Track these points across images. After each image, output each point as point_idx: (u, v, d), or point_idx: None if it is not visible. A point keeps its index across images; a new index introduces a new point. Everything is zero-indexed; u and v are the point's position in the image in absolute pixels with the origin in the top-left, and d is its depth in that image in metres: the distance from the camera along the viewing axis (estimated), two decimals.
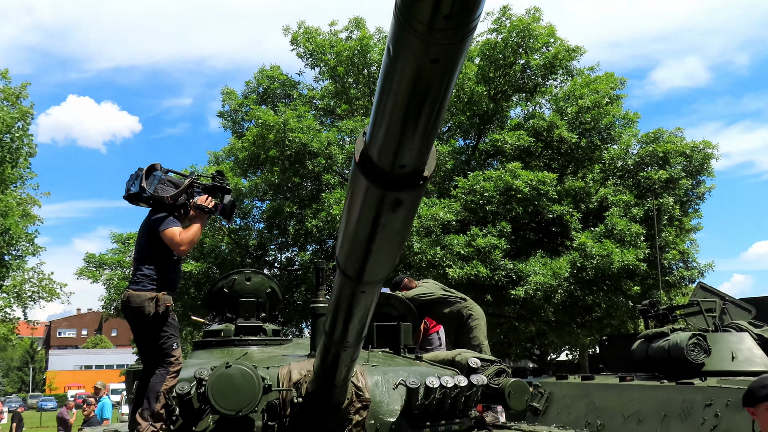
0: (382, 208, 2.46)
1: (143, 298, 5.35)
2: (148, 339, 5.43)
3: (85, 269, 22.80)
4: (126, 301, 5.36)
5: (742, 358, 9.24)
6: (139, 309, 5.32)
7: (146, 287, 5.39)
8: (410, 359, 6.46)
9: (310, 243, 20.59)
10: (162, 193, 5.56)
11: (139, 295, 5.35)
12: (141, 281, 5.42)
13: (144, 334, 5.44)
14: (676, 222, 21.25)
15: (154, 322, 5.38)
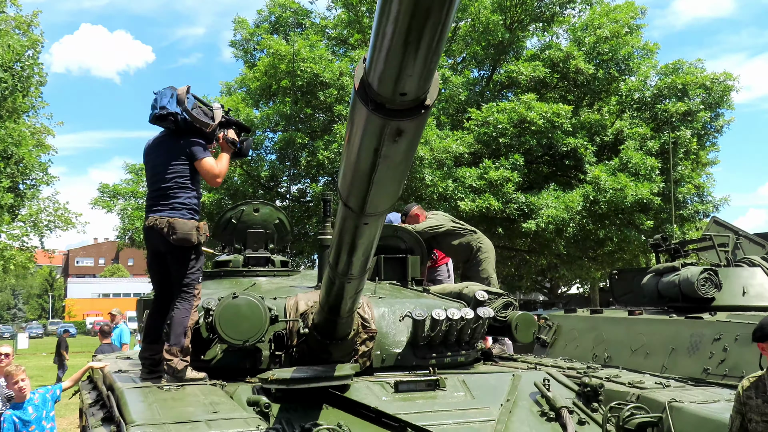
0: (383, 138, 2.39)
1: (190, 227, 5.18)
2: (176, 269, 5.27)
3: (99, 199, 22.92)
4: (168, 228, 5.12)
5: (754, 293, 9.20)
6: (186, 237, 5.15)
7: (186, 216, 5.22)
8: (417, 291, 6.48)
9: (321, 175, 20.53)
10: (205, 120, 5.33)
11: (186, 224, 5.17)
12: (179, 209, 5.21)
13: (174, 263, 5.28)
14: (693, 155, 20.98)
15: (191, 252, 5.28)
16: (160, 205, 5.25)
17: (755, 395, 4.10)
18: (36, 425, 6.27)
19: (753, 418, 4.07)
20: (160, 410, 4.23)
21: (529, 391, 5.12)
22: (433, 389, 4.98)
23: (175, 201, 5.23)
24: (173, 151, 5.29)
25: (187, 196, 5.28)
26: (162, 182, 5.28)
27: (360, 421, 4.51)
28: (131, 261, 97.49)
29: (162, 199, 5.26)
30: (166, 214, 5.19)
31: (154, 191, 5.34)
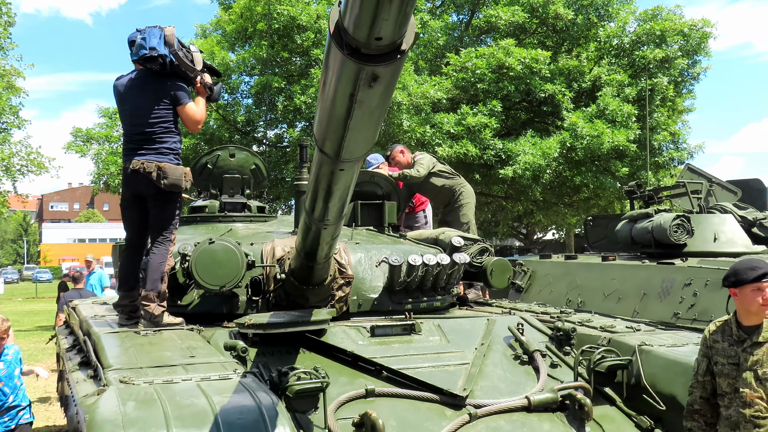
0: (358, 84, 2.37)
1: (180, 173, 5.14)
2: (156, 213, 5.22)
3: (72, 144, 22.53)
4: (159, 173, 5.06)
5: (724, 240, 9.35)
6: (176, 183, 5.11)
7: (173, 161, 5.17)
8: (394, 237, 6.51)
9: (299, 120, 20.32)
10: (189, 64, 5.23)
11: (177, 169, 5.13)
12: (167, 154, 5.16)
13: (157, 208, 5.22)
14: (669, 102, 21.01)
15: (177, 198, 5.24)
16: (144, 148, 5.16)
17: (721, 339, 4.19)
18: (5, 382, 6.16)
19: (719, 361, 4.16)
20: (137, 355, 4.26)
21: (503, 335, 5.21)
22: (408, 334, 5.05)
23: (162, 146, 5.17)
24: (158, 94, 5.18)
25: (173, 141, 5.23)
26: (145, 126, 5.17)
27: (336, 364, 4.58)
28: (107, 206, 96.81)
29: (147, 143, 5.16)
30: (153, 158, 5.12)
31: (136, 134, 5.22)
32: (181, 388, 3.51)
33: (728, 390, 4.10)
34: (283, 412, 3.36)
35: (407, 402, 4.29)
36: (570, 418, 4.43)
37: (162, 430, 3.09)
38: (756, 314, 4.09)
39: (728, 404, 4.09)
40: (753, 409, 3.97)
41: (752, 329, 4.09)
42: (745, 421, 3.98)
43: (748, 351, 4.05)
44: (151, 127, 5.15)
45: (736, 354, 4.09)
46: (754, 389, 3.97)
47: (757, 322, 4.09)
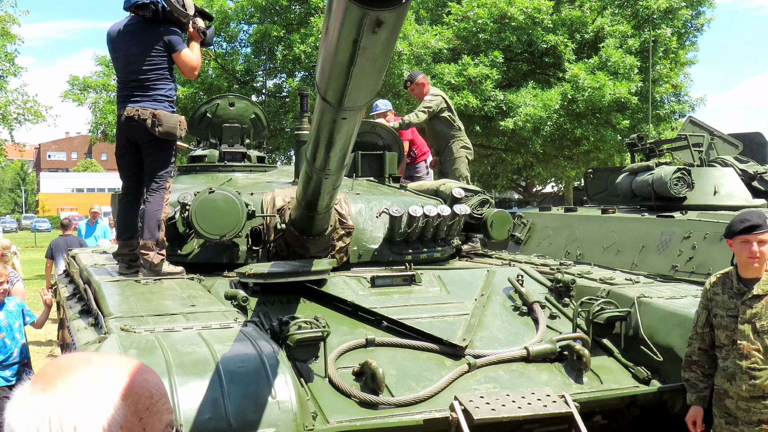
0: (362, 29, 2.32)
1: (175, 120, 5.08)
2: (151, 161, 5.17)
3: (69, 92, 22.35)
4: (154, 121, 5.00)
5: (724, 193, 9.33)
6: (171, 131, 5.06)
7: (168, 109, 5.11)
8: (394, 188, 6.49)
9: (298, 69, 20.12)
10: (182, 9, 5.12)
11: (172, 117, 5.07)
12: (162, 101, 5.10)
13: (151, 156, 5.17)
14: (672, 54, 20.80)
15: (172, 145, 5.19)
16: (138, 95, 5.09)
17: (722, 291, 4.21)
18: (6, 333, 6.04)
19: (718, 313, 4.19)
20: (138, 303, 4.27)
21: (503, 286, 5.23)
22: (408, 284, 5.07)
23: (157, 93, 5.10)
24: (151, 41, 5.09)
25: (168, 88, 5.17)
26: (139, 73, 5.09)
27: (337, 314, 4.59)
28: (104, 156, 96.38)
29: (140, 89, 5.10)
30: (148, 105, 5.06)
31: (130, 81, 5.15)
32: (182, 337, 3.53)
33: (726, 342, 4.13)
34: (284, 360, 3.38)
35: (407, 352, 4.32)
36: (568, 369, 4.46)
37: (164, 377, 3.11)
38: (744, 266, 4.12)
39: (725, 356, 4.12)
40: (749, 361, 4.00)
41: (752, 282, 4.10)
42: (741, 373, 4.02)
43: (747, 304, 4.07)
44: (145, 74, 5.08)
45: (735, 306, 4.11)
46: (752, 341, 4.00)
47: (757, 275, 4.10)
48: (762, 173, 9.77)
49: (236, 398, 3.11)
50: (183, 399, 3.04)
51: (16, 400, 1.22)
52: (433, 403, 3.92)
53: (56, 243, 11.75)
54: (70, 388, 1.21)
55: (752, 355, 4.00)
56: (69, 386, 1.21)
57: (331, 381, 3.88)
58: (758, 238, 4.03)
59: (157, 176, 5.14)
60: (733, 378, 4.06)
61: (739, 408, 4.04)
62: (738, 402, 4.05)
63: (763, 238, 4.03)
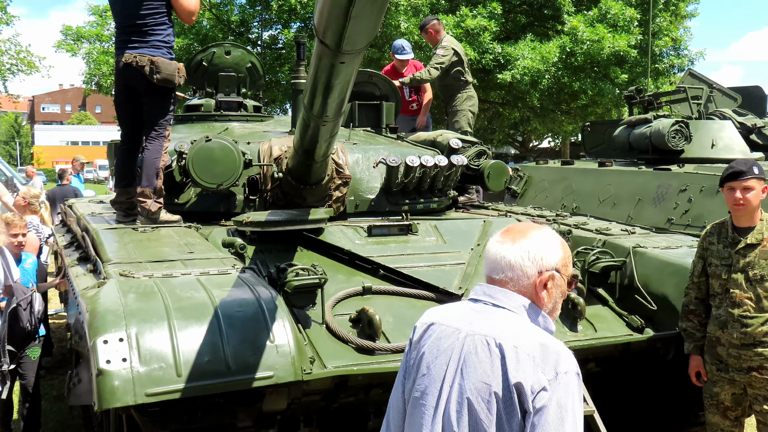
0: None
1: (173, 67, 5.02)
2: (150, 109, 5.13)
3: (63, 42, 22.08)
4: (152, 67, 4.94)
5: (722, 146, 9.31)
6: (170, 78, 5.00)
7: (167, 55, 5.04)
8: (391, 138, 6.47)
9: (294, 20, 19.86)
10: None
11: (170, 64, 5.01)
12: (160, 47, 5.01)
13: (150, 103, 5.13)
14: (672, 7, 20.58)
15: (171, 93, 5.14)
16: (136, 41, 5.00)
17: (717, 240, 4.24)
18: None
19: (713, 262, 4.22)
20: (136, 250, 4.28)
21: None
22: (405, 234, 5.08)
23: (155, 39, 5.01)
24: None
25: (166, 34, 5.07)
26: (137, 18, 5.00)
27: (334, 263, 4.61)
28: (99, 108, 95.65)
29: (138, 35, 5.01)
30: (146, 52, 4.98)
31: (127, 26, 5.07)
32: (181, 282, 3.55)
33: (719, 290, 4.17)
34: (282, 305, 3.41)
35: (403, 300, 4.35)
36: (563, 317, 4.50)
37: (163, 320, 3.13)
38: (733, 214, 4.17)
39: (719, 304, 4.17)
40: (741, 309, 4.04)
41: (746, 231, 4.13)
42: (732, 321, 4.06)
43: (741, 252, 4.10)
44: (143, 18, 4.99)
45: (729, 255, 4.14)
46: (744, 290, 4.04)
47: (751, 223, 4.12)
48: (760, 126, 9.74)
49: (235, 342, 3.14)
50: (182, 342, 3.07)
51: (493, 249, 2.16)
52: None
53: (53, 192, 11.78)
54: (532, 238, 2.14)
55: (744, 303, 4.04)
56: (531, 237, 2.14)
57: (329, 327, 3.92)
58: (742, 185, 4.05)
59: (156, 124, 5.10)
60: (725, 326, 4.10)
61: (731, 355, 4.10)
62: (729, 349, 4.10)
63: (747, 184, 4.05)
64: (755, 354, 4.01)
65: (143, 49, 4.99)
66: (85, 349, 3.30)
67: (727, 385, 4.16)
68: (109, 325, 3.06)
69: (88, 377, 3.23)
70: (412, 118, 8.76)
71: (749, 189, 4.05)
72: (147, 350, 3.03)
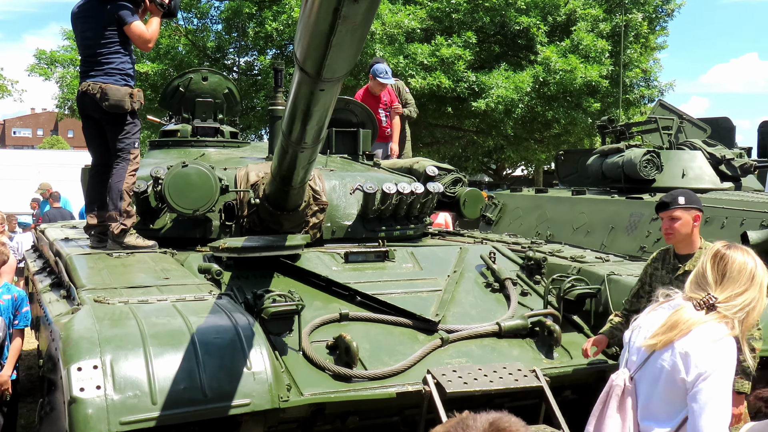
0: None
1: (123, 93, 5.11)
2: (111, 135, 5.22)
3: (36, 66, 21.91)
4: (101, 94, 5.06)
5: (693, 176, 9.47)
6: (119, 104, 5.09)
7: (119, 82, 5.14)
8: (368, 165, 6.49)
9: (270, 47, 19.91)
10: None
11: (119, 90, 5.10)
12: (113, 74, 5.13)
13: (109, 129, 5.23)
14: (642, 39, 20.94)
15: (125, 118, 5.19)
16: (94, 70, 5.17)
17: (661, 266, 4.39)
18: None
19: (656, 287, 4.35)
20: (111, 276, 4.25)
21: (475, 263, 5.27)
22: (382, 260, 5.09)
23: (109, 66, 5.16)
24: (101, 19, 5.15)
25: (120, 62, 5.21)
26: (93, 48, 5.19)
27: (310, 289, 4.60)
28: (71, 133, 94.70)
29: (95, 64, 5.18)
30: (99, 80, 5.13)
31: (86, 56, 5.26)
32: (157, 308, 3.52)
33: None
34: (260, 332, 3.39)
35: (380, 326, 4.34)
36: (539, 344, 4.52)
37: (138, 347, 3.10)
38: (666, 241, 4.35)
39: None
40: None
41: (686, 258, 4.29)
42: None
43: (680, 279, 4.23)
44: (98, 48, 5.16)
45: (670, 281, 4.27)
46: None
47: (690, 250, 4.28)
48: (729, 158, 9.91)
49: (211, 369, 3.11)
50: (158, 369, 3.04)
51: None
52: (406, 377, 3.95)
53: (52, 214, 11.65)
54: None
55: None
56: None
57: (305, 354, 3.90)
58: (669, 215, 4.23)
59: (119, 149, 5.20)
60: None
61: None
62: None
63: (674, 215, 4.20)
64: None
65: (98, 77, 5.14)
66: (58, 377, 3.25)
67: None
68: (84, 352, 3.02)
69: (61, 406, 3.17)
70: (387, 144, 8.83)
71: (676, 219, 4.20)
72: (122, 377, 2.99)
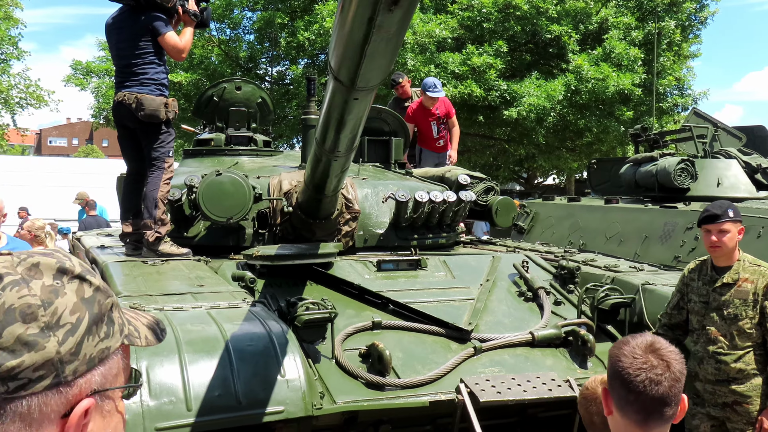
0: (378, 6, 2.33)
1: (158, 103, 5.18)
2: (146, 144, 5.29)
3: (72, 77, 22.32)
4: (137, 104, 5.13)
5: (728, 185, 9.33)
6: (154, 114, 5.16)
7: (155, 92, 5.22)
8: (400, 174, 6.50)
9: (302, 57, 20.06)
10: None
11: (154, 100, 5.17)
12: (148, 85, 5.21)
13: (144, 138, 5.30)
14: (675, 47, 20.74)
15: (160, 127, 5.26)
16: (129, 80, 5.24)
17: (697, 277, 4.37)
18: None
19: (692, 299, 4.35)
20: (146, 283, 4.29)
21: (508, 272, 5.24)
22: (414, 269, 5.08)
23: (144, 76, 5.22)
24: (136, 29, 5.22)
25: (155, 72, 5.27)
26: (128, 59, 5.25)
27: (343, 297, 4.61)
28: (105, 142, 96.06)
29: (131, 75, 5.24)
30: (135, 90, 5.19)
31: (121, 68, 5.33)
32: (191, 315, 3.55)
33: (697, 326, 4.33)
34: (293, 340, 3.40)
35: (413, 335, 4.33)
36: (572, 354, 4.48)
37: (173, 354, 3.13)
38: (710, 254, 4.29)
39: (696, 340, 4.34)
40: (716, 346, 4.19)
41: (724, 270, 4.25)
42: (708, 357, 4.22)
43: (718, 291, 4.24)
44: (134, 59, 5.22)
45: (707, 293, 4.27)
46: (719, 327, 4.21)
47: (728, 263, 4.24)
48: (765, 167, 9.76)
49: (246, 376, 3.13)
50: (193, 376, 3.07)
51: None
52: (439, 386, 3.93)
53: (87, 222, 11.82)
54: None
55: (719, 341, 4.19)
56: None
57: (338, 362, 3.90)
58: (718, 227, 4.17)
59: (153, 158, 5.26)
60: (702, 361, 4.27)
61: (706, 390, 4.24)
62: (705, 384, 4.24)
63: (723, 227, 4.16)
64: (729, 391, 4.14)
65: (134, 87, 5.21)
66: None
67: (706, 419, 4.26)
68: None
69: None
70: (438, 155, 8.89)
71: (725, 232, 4.16)
72: (157, 384, 3.02)
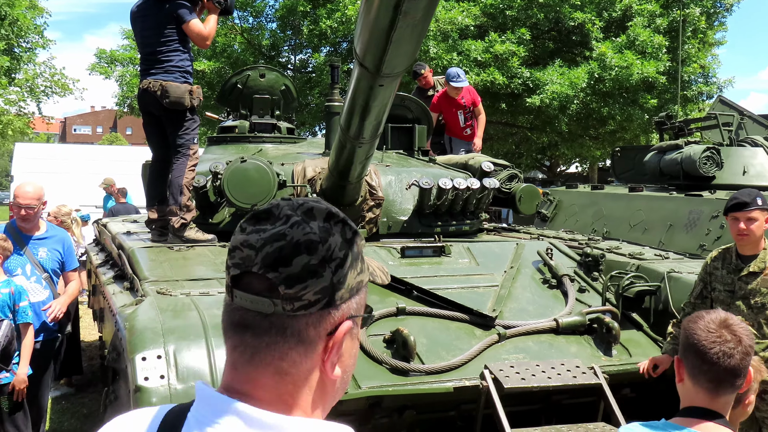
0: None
1: (183, 90, 5.21)
2: (170, 131, 5.33)
3: (96, 65, 22.49)
4: (162, 92, 5.15)
5: (754, 173, 9.23)
6: (179, 101, 5.19)
7: (179, 79, 5.24)
8: (424, 161, 6.50)
9: (324, 45, 20.06)
10: None
11: (179, 87, 5.20)
12: (173, 72, 5.24)
13: (169, 125, 5.33)
14: (700, 35, 20.47)
15: (185, 114, 5.29)
16: (154, 68, 5.27)
17: (721, 266, 4.29)
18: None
19: (716, 287, 4.28)
20: (172, 268, 4.33)
21: (532, 259, 5.23)
22: (438, 255, 5.09)
23: (168, 64, 5.25)
24: (160, 17, 5.24)
25: (179, 59, 5.30)
26: (153, 47, 5.28)
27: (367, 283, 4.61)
28: (129, 130, 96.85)
29: (155, 62, 5.27)
30: (159, 77, 5.22)
31: (146, 55, 5.37)
32: (217, 300, 3.58)
33: None
34: None
35: (437, 321, 4.34)
36: (597, 341, 4.47)
37: (200, 338, 3.16)
38: (737, 243, 4.20)
39: None
40: None
41: (750, 258, 4.19)
42: None
43: (744, 280, 4.17)
44: (158, 46, 5.25)
45: (733, 282, 4.21)
46: (746, 316, 4.10)
47: (754, 251, 4.18)
48: None
49: None
50: (220, 359, 3.09)
51: None
52: (463, 372, 3.94)
53: (117, 209, 11.96)
54: None
55: None
56: None
57: (363, 347, 3.92)
58: (746, 215, 4.11)
59: (178, 145, 5.29)
60: None
61: None
62: None
63: (751, 215, 4.10)
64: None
65: (158, 75, 5.23)
66: (123, 366, 3.33)
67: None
68: (148, 342, 3.09)
69: (126, 394, 3.26)
70: (467, 143, 8.87)
71: (753, 220, 4.10)
72: (185, 367, 3.06)
